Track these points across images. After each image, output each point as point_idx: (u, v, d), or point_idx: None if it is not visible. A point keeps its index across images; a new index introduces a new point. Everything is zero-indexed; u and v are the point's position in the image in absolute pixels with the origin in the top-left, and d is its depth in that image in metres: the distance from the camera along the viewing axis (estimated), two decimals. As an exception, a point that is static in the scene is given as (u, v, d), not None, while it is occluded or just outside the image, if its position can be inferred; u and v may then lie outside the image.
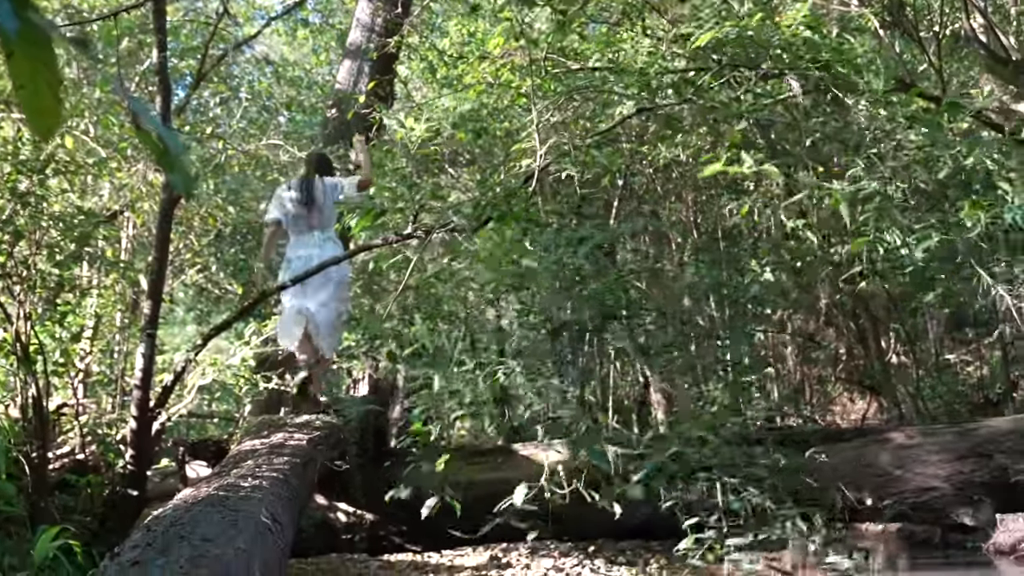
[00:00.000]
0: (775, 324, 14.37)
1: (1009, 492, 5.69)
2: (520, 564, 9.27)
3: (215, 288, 12.67)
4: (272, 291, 6.39)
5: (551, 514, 4.06)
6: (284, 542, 3.32)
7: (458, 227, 5.87)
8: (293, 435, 5.42)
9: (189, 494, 3.60)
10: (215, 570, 2.40)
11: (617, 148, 7.86)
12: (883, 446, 6.04)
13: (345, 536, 6.63)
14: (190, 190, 1.54)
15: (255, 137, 10.70)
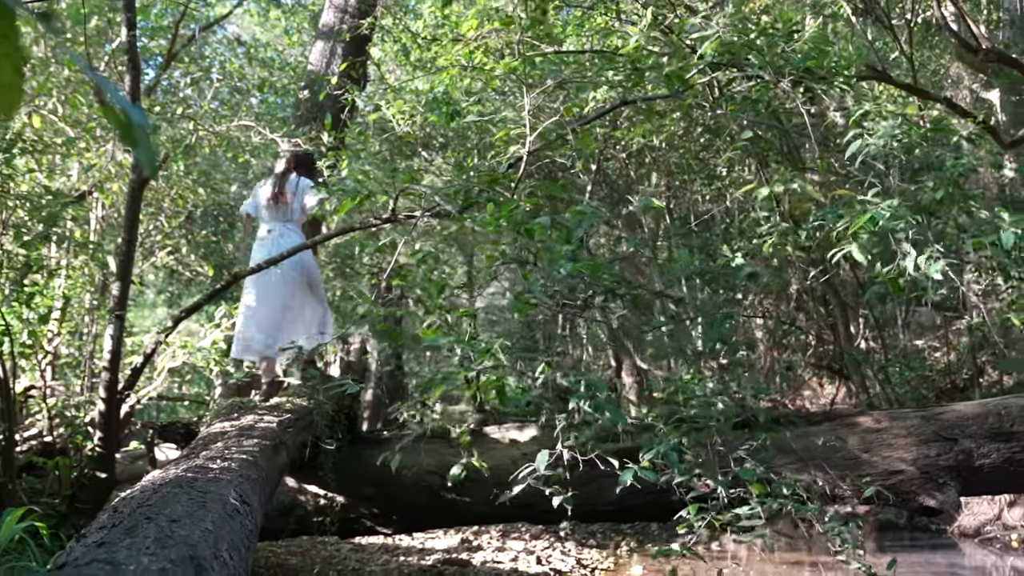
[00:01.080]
0: (748, 309, 14.46)
1: (974, 475, 5.75)
2: (491, 547, 9.33)
3: (186, 270, 12.58)
4: (244, 274, 6.35)
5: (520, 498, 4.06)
6: (253, 523, 3.30)
7: (443, 212, 5.86)
8: (263, 417, 5.40)
9: (157, 476, 3.58)
10: (182, 551, 2.39)
11: (591, 132, 7.85)
12: (852, 430, 6.09)
13: (316, 519, 6.61)
14: (154, 167, 1.52)
15: (226, 118, 10.59)
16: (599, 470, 4.17)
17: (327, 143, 7.89)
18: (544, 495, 4.44)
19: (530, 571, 8.15)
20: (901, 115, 5.19)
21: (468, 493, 5.93)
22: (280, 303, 6.91)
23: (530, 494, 4.27)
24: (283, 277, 6.87)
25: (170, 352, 8.49)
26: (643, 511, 6.31)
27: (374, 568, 7.97)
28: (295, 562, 7.87)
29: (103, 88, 1.49)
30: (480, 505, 6.09)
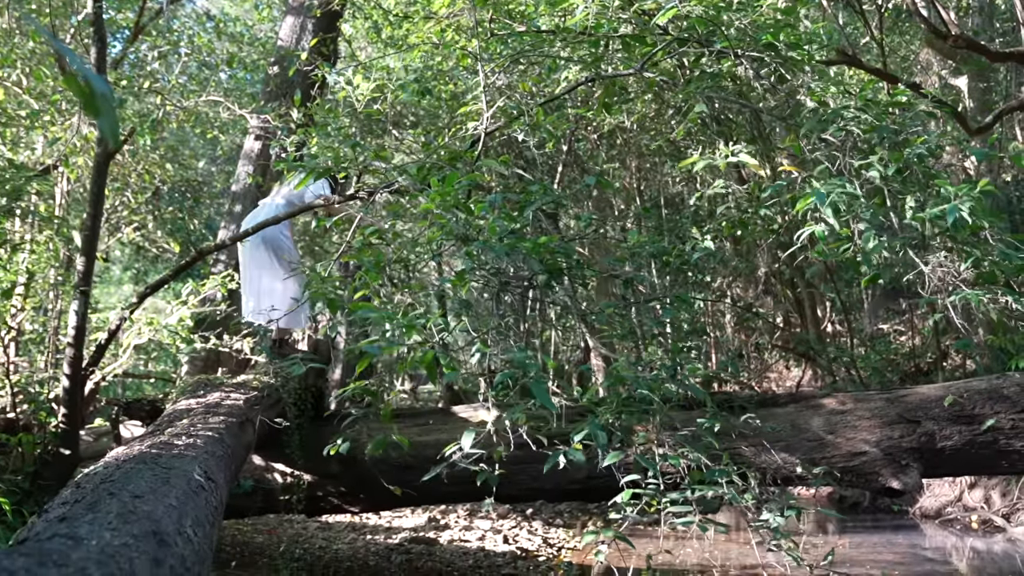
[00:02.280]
0: (715, 292, 14.55)
1: (936, 457, 5.82)
2: (458, 526, 9.36)
3: (152, 247, 12.47)
4: (209, 250, 6.29)
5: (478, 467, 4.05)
6: (218, 500, 3.28)
7: (402, 188, 5.83)
8: (230, 395, 5.37)
9: (121, 452, 3.55)
10: (145, 526, 2.37)
11: (562, 113, 7.84)
12: (816, 412, 6.14)
13: (283, 497, 6.59)
14: (117, 137, 1.50)
15: (195, 93, 10.48)
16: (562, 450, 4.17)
17: (296, 119, 7.83)
18: (511, 475, 4.45)
19: (497, 550, 8.19)
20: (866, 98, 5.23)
21: (435, 472, 5.92)
22: (246, 274, 7.03)
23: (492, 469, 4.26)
24: (249, 251, 6.93)
25: (136, 329, 8.40)
26: (609, 491, 6.34)
27: (341, 546, 7.98)
28: (261, 540, 7.86)
29: (64, 55, 1.46)
30: (447, 484, 6.09)
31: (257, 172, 9.64)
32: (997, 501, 10.08)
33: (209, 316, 8.35)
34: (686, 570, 7.74)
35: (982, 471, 7.86)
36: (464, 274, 4.30)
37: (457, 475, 4.11)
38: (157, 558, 2.24)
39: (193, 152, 13.17)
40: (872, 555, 8.28)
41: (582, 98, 8.73)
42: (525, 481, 5.85)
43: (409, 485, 5.81)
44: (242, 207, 10.05)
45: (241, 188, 10.16)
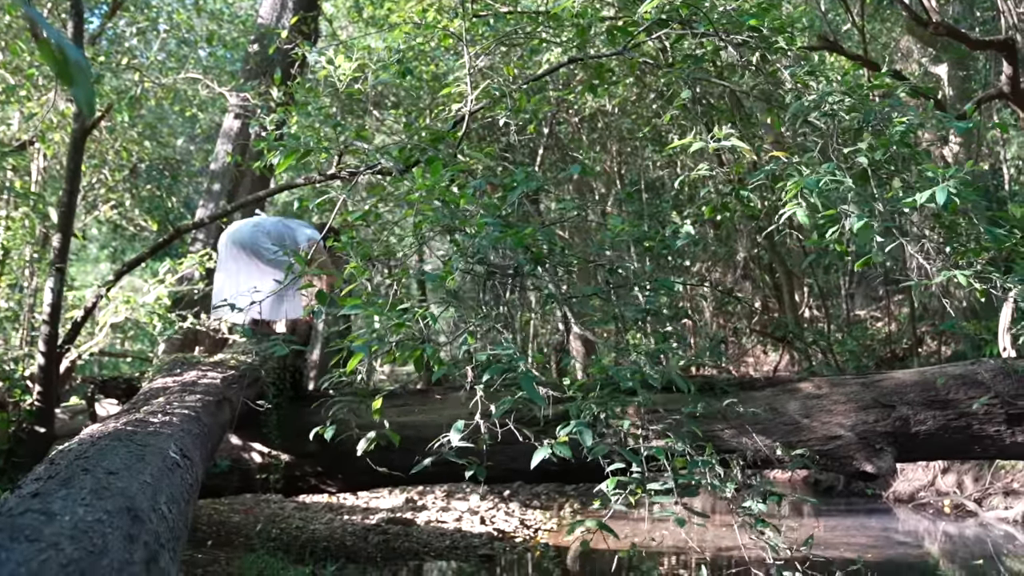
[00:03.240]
0: (695, 276, 14.59)
1: (910, 442, 5.87)
2: (436, 507, 9.37)
3: (130, 225, 12.37)
4: (186, 228, 6.25)
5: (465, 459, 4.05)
6: (193, 478, 3.27)
7: (385, 169, 5.80)
8: (207, 374, 5.34)
9: (96, 429, 3.52)
10: (118, 502, 2.36)
11: (543, 96, 7.82)
12: (793, 396, 6.17)
13: (260, 476, 6.58)
14: (92, 107, 1.48)
15: (173, 70, 10.38)
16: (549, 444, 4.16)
17: (276, 98, 7.78)
18: (489, 456, 4.44)
19: (474, 531, 8.21)
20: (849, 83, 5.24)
21: (413, 453, 5.92)
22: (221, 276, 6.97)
23: (474, 455, 4.26)
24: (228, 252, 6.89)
25: (112, 307, 8.35)
26: (587, 474, 6.35)
27: (318, 526, 7.98)
28: (238, 519, 7.85)
29: (37, 22, 1.44)
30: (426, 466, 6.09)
31: (236, 151, 9.58)
32: (969, 486, 10.19)
33: (187, 295, 8.31)
34: (663, 552, 7.79)
35: (955, 456, 7.93)
36: (450, 264, 4.29)
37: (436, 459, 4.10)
38: (131, 534, 2.23)
39: (172, 130, 13.07)
40: (846, 538, 8.36)
41: (563, 81, 8.71)
42: (503, 462, 5.85)
43: (387, 466, 5.80)
44: (220, 186, 9.99)
45: (220, 167, 10.10)
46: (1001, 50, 8.97)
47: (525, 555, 7.69)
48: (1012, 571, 7.41)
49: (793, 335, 12.85)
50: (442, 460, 4.06)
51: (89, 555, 2.03)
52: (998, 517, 9.23)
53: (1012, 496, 9.50)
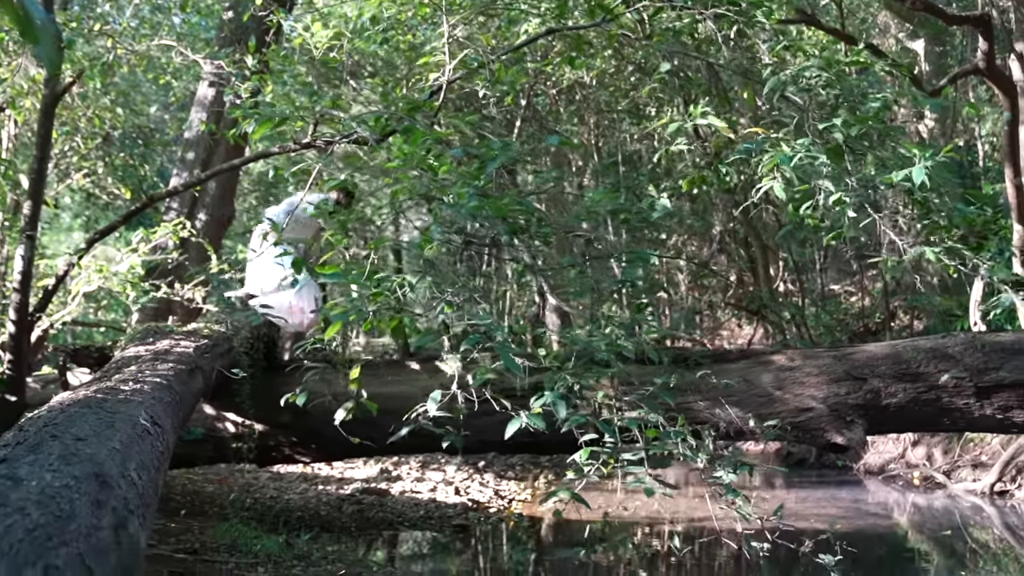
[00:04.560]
0: (671, 250, 14.63)
1: (881, 414, 5.92)
2: (410, 477, 9.40)
3: (103, 194, 12.23)
4: (160, 196, 6.19)
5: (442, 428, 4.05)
6: (164, 445, 3.26)
7: (361, 139, 5.76)
8: (179, 342, 5.31)
9: (66, 396, 3.51)
10: (87, 468, 2.35)
11: (521, 67, 7.78)
12: (766, 368, 6.21)
13: (233, 446, 6.56)
14: (57, 66, 1.46)
15: (147, 37, 10.22)
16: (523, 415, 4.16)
17: (251, 66, 7.69)
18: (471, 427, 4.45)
19: (448, 501, 8.25)
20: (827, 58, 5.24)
21: (387, 423, 5.92)
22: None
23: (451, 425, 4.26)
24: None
25: (85, 276, 8.27)
26: (561, 445, 6.38)
27: (292, 496, 7.99)
28: (212, 489, 7.84)
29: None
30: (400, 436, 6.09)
31: (211, 119, 9.48)
32: (939, 458, 10.32)
33: (160, 264, 8.24)
34: (636, 523, 7.86)
35: (925, 428, 8.02)
36: (428, 233, 4.27)
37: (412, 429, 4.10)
38: (99, 499, 2.22)
39: (145, 98, 12.92)
40: (816, 509, 8.45)
41: (542, 52, 8.67)
42: (474, 433, 5.86)
43: (363, 436, 5.80)
44: (195, 154, 9.90)
45: (194, 135, 10.00)
46: (977, 26, 8.99)
47: (499, 525, 7.74)
48: (979, 542, 7.52)
49: (767, 307, 12.93)
50: (418, 430, 4.06)
51: (56, 520, 2.02)
52: (966, 489, 9.36)
53: (980, 468, 9.63)
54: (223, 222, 10.33)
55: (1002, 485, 9.03)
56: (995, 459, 9.35)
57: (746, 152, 4.90)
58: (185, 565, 4.38)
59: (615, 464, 4.04)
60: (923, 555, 7.21)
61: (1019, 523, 8.06)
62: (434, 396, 3.96)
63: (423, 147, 4.59)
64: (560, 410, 3.90)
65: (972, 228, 5.15)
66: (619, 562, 6.56)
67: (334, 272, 4.21)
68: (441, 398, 3.95)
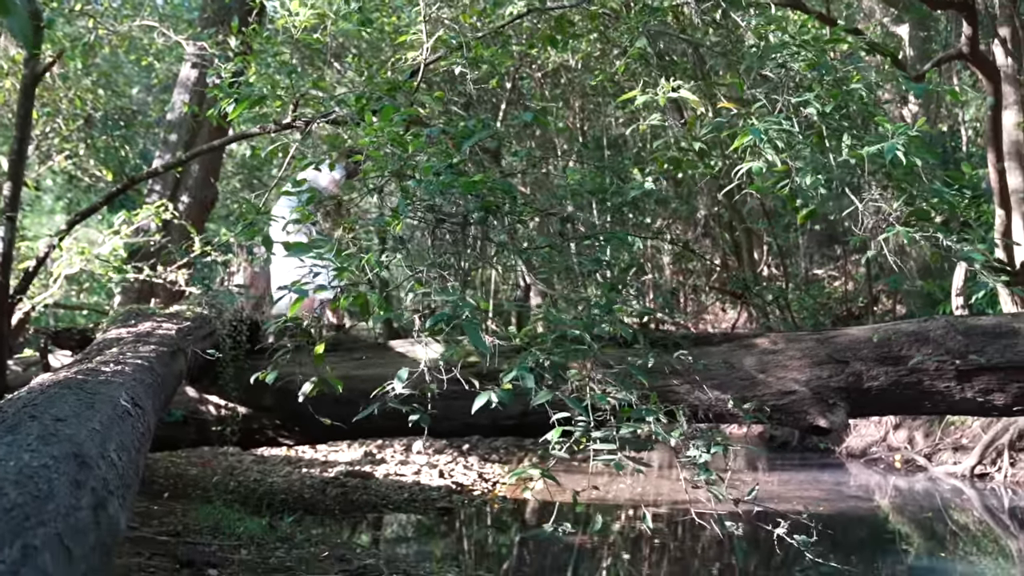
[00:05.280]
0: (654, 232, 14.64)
1: (863, 397, 5.94)
2: (395, 460, 9.40)
3: (85, 176, 12.15)
4: (141, 177, 6.15)
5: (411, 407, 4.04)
6: (145, 426, 3.24)
7: (340, 118, 5.73)
8: (161, 324, 5.28)
9: (47, 378, 3.48)
10: (65, 448, 2.33)
11: (506, 50, 7.75)
12: (749, 351, 6.22)
13: (216, 429, 6.54)
14: (29, 38, 1.44)
15: (128, 17, 10.14)
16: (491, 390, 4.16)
17: (233, 47, 7.64)
18: (446, 410, 4.45)
19: (432, 484, 8.26)
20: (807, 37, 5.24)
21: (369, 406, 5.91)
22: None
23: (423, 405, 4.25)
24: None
25: (67, 259, 8.23)
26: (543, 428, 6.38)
27: (276, 479, 7.98)
28: (195, 472, 7.83)
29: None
30: (382, 419, 6.08)
31: (193, 101, 9.44)
32: (920, 442, 10.39)
33: (143, 246, 8.21)
34: (618, 505, 7.89)
35: (906, 411, 8.07)
36: (398, 211, 4.25)
37: (393, 410, 4.09)
38: (78, 480, 2.21)
39: (127, 79, 12.82)
40: (799, 492, 8.51)
41: (526, 35, 8.64)
42: (460, 416, 5.86)
43: (344, 419, 5.79)
44: (177, 136, 9.85)
45: (176, 117, 9.95)
46: (961, 10, 9.01)
47: (483, 508, 7.75)
48: (959, 524, 7.59)
49: (751, 291, 12.97)
50: (400, 413, 4.05)
51: (34, 500, 2.01)
52: (947, 472, 9.44)
53: (961, 451, 9.71)
54: (206, 204, 10.29)
55: (982, 468, 9.11)
56: (975, 442, 9.43)
57: (719, 127, 4.89)
58: (167, 547, 4.37)
59: (587, 443, 4.05)
60: (904, 537, 7.27)
61: (998, 505, 8.14)
62: (400, 375, 3.95)
63: (398, 125, 4.56)
64: (528, 382, 3.89)
65: (954, 212, 5.16)
66: (601, 544, 6.60)
67: (299, 246, 4.19)
68: (408, 376, 3.94)
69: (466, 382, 4.05)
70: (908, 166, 4.30)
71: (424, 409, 4.00)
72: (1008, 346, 5.64)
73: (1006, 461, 8.94)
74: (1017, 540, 6.92)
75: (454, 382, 4.10)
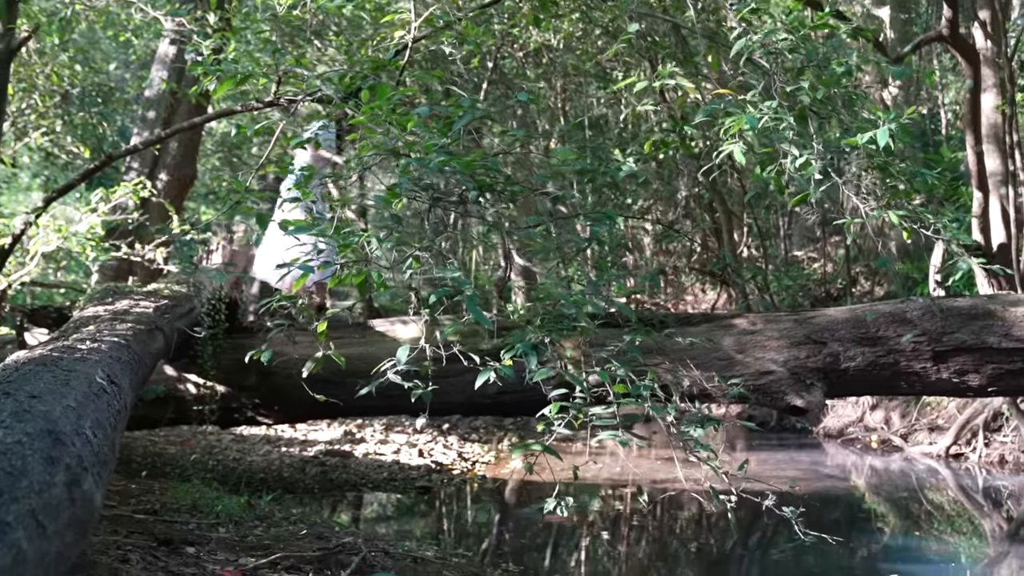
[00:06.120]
0: (637, 213, 14.66)
1: (840, 378, 5.98)
2: (374, 439, 9.41)
3: (62, 153, 12.03)
4: (119, 154, 6.09)
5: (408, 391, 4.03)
6: (121, 404, 3.22)
7: (325, 97, 5.69)
8: (139, 303, 5.25)
9: (22, 355, 3.46)
10: (39, 424, 2.32)
11: (488, 28, 7.72)
12: (728, 331, 6.24)
13: (195, 408, 6.52)
14: (2, 9, 1.42)
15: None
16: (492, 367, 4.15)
17: (213, 24, 7.57)
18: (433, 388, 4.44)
19: (412, 463, 8.27)
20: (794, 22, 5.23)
21: (351, 385, 5.90)
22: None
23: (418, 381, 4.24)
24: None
25: (44, 236, 8.16)
26: (522, 407, 6.39)
27: (255, 458, 7.98)
28: (174, 451, 7.81)
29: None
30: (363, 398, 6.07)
31: (172, 77, 9.34)
32: (896, 422, 10.49)
33: (120, 224, 8.14)
34: (600, 484, 7.93)
35: (883, 391, 8.14)
36: (395, 190, 4.23)
37: (377, 389, 4.08)
38: (52, 456, 2.20)
39: (105, 55, 12.68)
40: (777, 471, 8.58)
41: (508, 14, 8.61)
42: (438, 395, 5.86)
43: (325, 397, 5.78)
44: (155, 113, 9.75)
45: (155, 94, 9.85)
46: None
47: (463, 487, 7.78)
48: (934, 503, 7.67)
49: (731, 271, 13.02)
50: (382, 392, 4.04)
51: (7, 476, 2.00)
52: (922, 452, 9.53)
53: (936, 432, 9.80)
54: (185, 182, 10.21)
55: (957, 448, 9.21)
56: (951, 423, 9.52)
57: (710, 113, 4.89)
58: (145, 525, 4.36)
59: (584, 418, 4.05)
60: (879, 516, 7.35)
61: (973, 485, 8.23)
62: (402, 351, 3.94)
63: (389, 104, 4.54)
64: (531, 361, 3.89)
65: (933, 193, 5.19)
66: (583, 522, 6.63)
67: (300, 226, 4.18)
68: (410, 353, 3.93)
69: (464, 357, 4.04)
70: (889, 150, 4.32)
71: (425, 386, 4.00)
72: (983, 328, 5.69)
73: (980, 441, 9.03)
74: (990, 519, 7.00)
75: (433, 362, 4.09)
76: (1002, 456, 8.83)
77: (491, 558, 5.54)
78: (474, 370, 3.95)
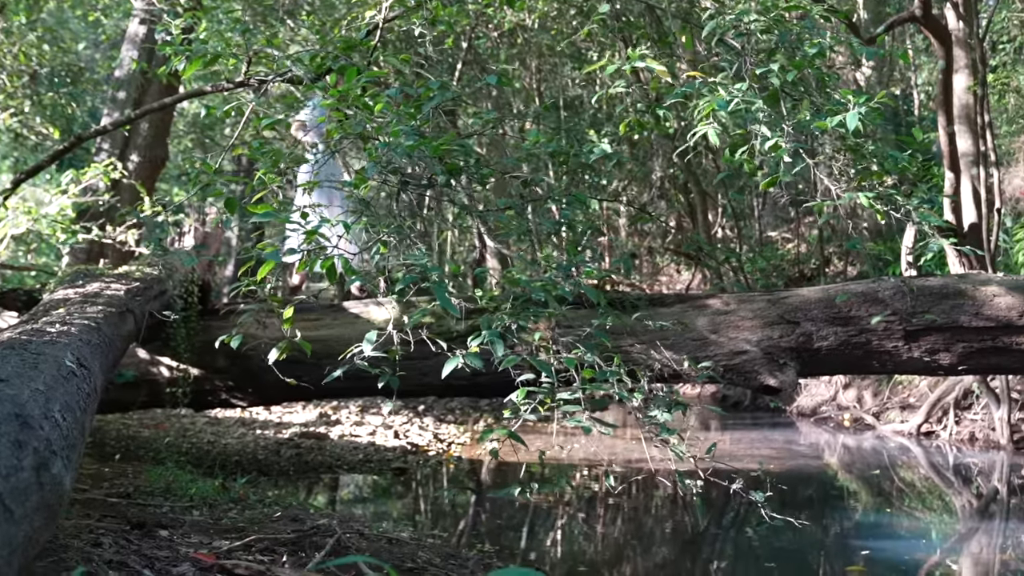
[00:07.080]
0: (611, 194, 14.67)
1: (813, 357, 6.01)
2: (350, 421, 9.40)
3: (31, 134, 11.90)
4: (88, 135, 6.02)
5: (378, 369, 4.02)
6: (91, 387, 3.19)
7: (296, 78, 5.65)
8: (110, 285, 5.19)
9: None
10: (6, 408, 2.29)
11: (462, 8, 7.67)
12: (701, 312, 6.26)
13: (168, 391, 6.48)
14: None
15: (74, -29, 9.92)
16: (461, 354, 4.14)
17: (183, 3, 7.49)
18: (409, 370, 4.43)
19: (388, 445, 8.26)
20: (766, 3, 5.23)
21: (324, 367, 5.88)
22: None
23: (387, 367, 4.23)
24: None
25: (13, 218, 8.07)
26: (498, 388, 6.40)
27: (230, 441, 7.94)
28: (147, 434, 7.77)
29: None
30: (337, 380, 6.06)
31: (142, 57, 9.24)
32: (869, 401, 10.59)
33: (91, 206, 8.07)
34: (574, 465, 7.96)
35: (855, 371, 8.20)
36: (364, 173, 4.21)
37: (348, 371, 4.07)
38: (19, 440, 2.17)
39: (73, 35, 12.51)
40: (750, 450, 8.64)
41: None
42: (414, 377, 5.83)
43: (298, 380, 5.77)
44: (126, 93, 9.65)
45: (125, 74, 9.74)
46: (915, -27, 9.05)
47: (439, 468, 7.78)
48: (905, 480, 7.76)
49: (705, 251, 13.07)
50: (355, 374, 4.03)
51: (-26, 460, 1.98)
52: (894, 430, 9.64)
53: (908, 410, 9.90)
54: (156, 164, 10.12)
55: (928, 426, 9.31)
56: (922, 401, 9.62)
57: (683, 95, 4.89)
58: (118, 509, 4.33)
59: (551, 403, 4.05)
60: (852, 493, 7.42)
61: (943, 462, 8.33)
62: (369, 336, 3.92)
63: (358, 86, 4.51)
64: (498, 349, 3.88)
65: (904, 175, 5.21)
66: (558, 502, 6.66)
67: (267, 211, 4.15)
68: (377, 338, 3.92)
69: (432, 343, 4.03)
70: (859, 132, 4.34)
71: (392, 371, 3.99)
72: (954, 307, 5.73)
73: (951, 419, 9.14)
74: (960, 496, 7.09)
75: (406, 344, 4.09)
76: (972, 434, 8.94)
77: (467, 538, 5.55)
78: (451, 350, 3.94)
